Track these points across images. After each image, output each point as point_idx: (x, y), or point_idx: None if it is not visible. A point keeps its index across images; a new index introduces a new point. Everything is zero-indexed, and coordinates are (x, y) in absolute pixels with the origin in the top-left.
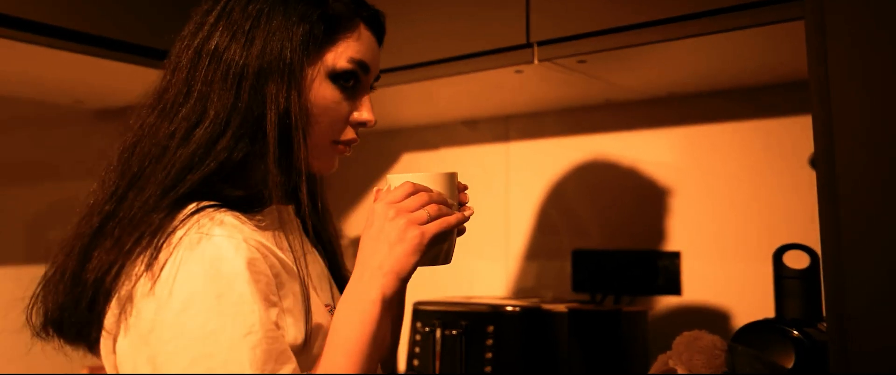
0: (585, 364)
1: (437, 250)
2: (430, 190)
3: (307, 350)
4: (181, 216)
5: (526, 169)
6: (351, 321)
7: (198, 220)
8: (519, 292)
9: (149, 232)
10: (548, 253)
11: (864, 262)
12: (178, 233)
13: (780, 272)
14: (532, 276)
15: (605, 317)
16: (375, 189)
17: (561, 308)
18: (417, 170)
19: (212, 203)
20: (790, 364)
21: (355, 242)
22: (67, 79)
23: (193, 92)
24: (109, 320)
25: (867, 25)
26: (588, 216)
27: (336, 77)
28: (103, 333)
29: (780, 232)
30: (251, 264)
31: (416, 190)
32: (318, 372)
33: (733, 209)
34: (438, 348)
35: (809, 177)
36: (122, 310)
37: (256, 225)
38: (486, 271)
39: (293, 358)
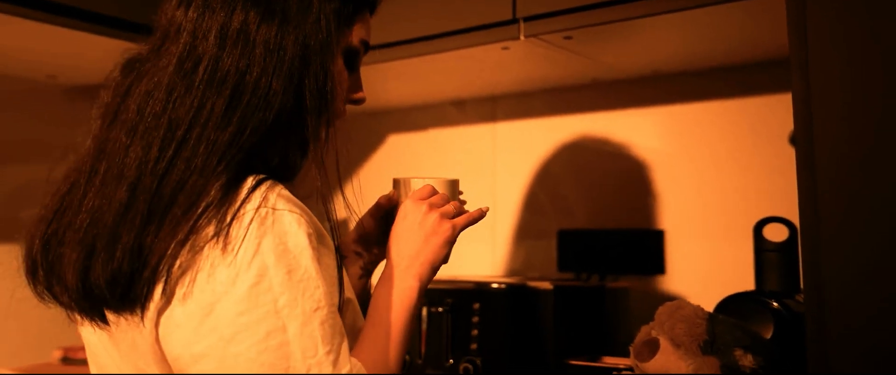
0: (570, 340)
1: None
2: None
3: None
4: (245, 189)
5: (513, 149)
6: (391, 304)
7: (263, 194)
8: (505, 272)
9: (213, 205)
10: (534, 234)
11: (840, 235)
12: (248, 207)
13: (760, 245)
14: (518, 256)
15: (590, 293)
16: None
17: (546, 285)
18: (405, 151)
19: (263, 176)
20: (769, 334)
21: (342, 223)
22: (39, 52)
23: (229, 60)
24: (159, 289)
25: (847, 1)
26: (574, 196)
27: (347, 54)
28: (149, 304)
29: (764, 209)
30: (310, 239)
31: (436, 190)
32: (364, 349)
33: (717, 187)
34: (424, 325)
35: (792, 155)
36: (181, 280)
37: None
38: (472, 252)
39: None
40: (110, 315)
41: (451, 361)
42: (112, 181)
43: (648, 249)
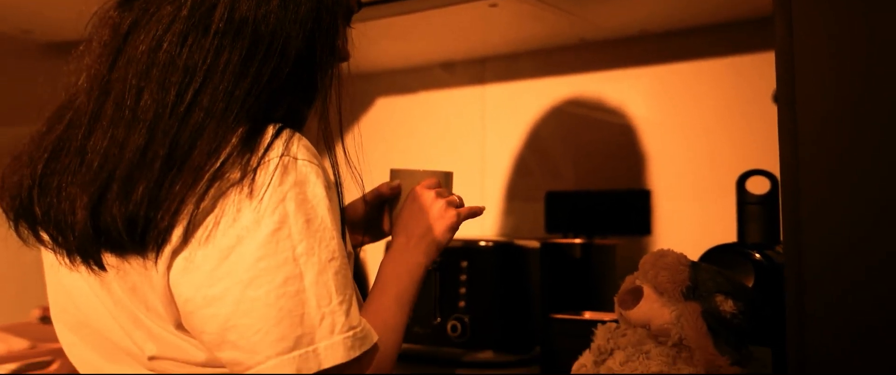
0: (557, 297)
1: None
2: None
3: None
4: (267, 137)
5: (502, 111)
6: (400, 276)
7: (285, 142)
8: (494, 234)
9: (236, 153)
10: (522, 195)
11: (818, 186)
12: (271, 155)
13: (743, 198)
14: (507, 218)
15: (576, 250)
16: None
17: (533, 243)
18: (394, 114)
19: (282, 125)
20: (750, 284)
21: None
22: (13, 5)
23: (246, 9)
24: (178, 232)
25: None
26: (562, 157)
27: (346, 14)
28: (165, 247)
29: (749, 166)
30: (327, 191)
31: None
32: (368, 314)
33: (704, 146)
34: None
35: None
36: (203, 224)
37: None
38: None
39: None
40: (110, 259)
41: (439, 319)
42: (123, 123)
43: (635, 209)
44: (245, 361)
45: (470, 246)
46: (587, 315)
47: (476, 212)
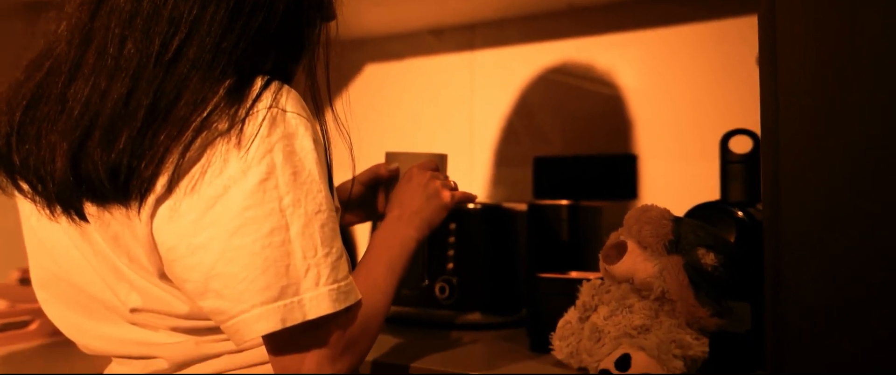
0: (544, 258)
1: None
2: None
3: None
4: (256, 88)
5: (490, 77)
6: (391, 246)
7: (274, 94)
8: (482, 199)
9: (223, 104)
10: (510, 161)
11: (798, 146)
12: (260, 106)
13: (726, 157)
14: (495, 184)
15: (563, 212)
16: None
17: (521, 206)
18: (383, 81)
19: (271, 77)
20: (732, 241)
21: None
22: None
23: None
24: (162, 181)
25: None
26: (550, 123)
27: None
28: (149, 196)
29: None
30: (315, 144)
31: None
32: (358, 277)
33: (689, 110)
34: None
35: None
36: (189, 173)
37: None
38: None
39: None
40: (91, 209)
41: (427, 281)
42: (105, 72)
43: (622, 174)
44: (229, 310)
45: (458, 208)
46: (573, 274)
47: (469, 198)
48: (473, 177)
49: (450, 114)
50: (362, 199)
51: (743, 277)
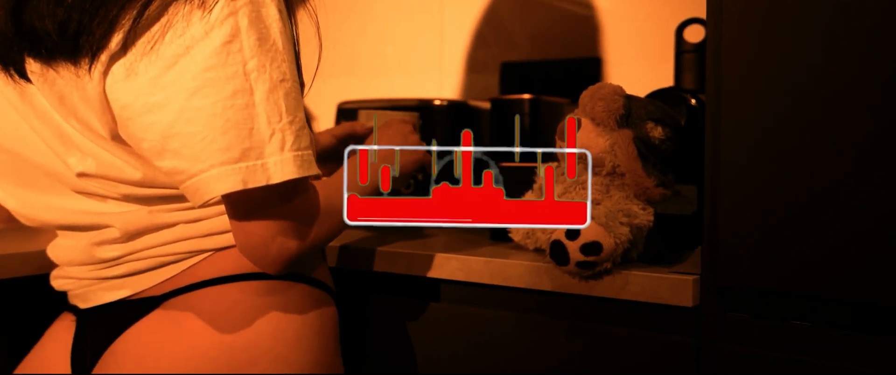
0: (509, 153)
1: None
2: None
3: None
4: None
5: None
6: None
7: None
8: None
9: None
10: (478, 67)
11: (741, 35)
12: None
13: (680, 46)
14: (463, 88)
15: (525, 106)
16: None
17: (486, 104)
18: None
19: None
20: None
21: None
22: None
23: None
24: (118, 39)
25: None
26: (517, 28)
27: None
28: (101, 54)
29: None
30: (281, 14)
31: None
32: (328, 181)
33: (651, 13)
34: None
35: None
36: (147, 32)
37: None
38: (419, 84)
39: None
40: (34, 66)
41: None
42: None
43: (586, 77)
44: (187, 169)
45: (425, 104)
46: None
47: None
48: (443, 83)
49: (419, 19)
50: (333, 152)
51: (690, 156)
